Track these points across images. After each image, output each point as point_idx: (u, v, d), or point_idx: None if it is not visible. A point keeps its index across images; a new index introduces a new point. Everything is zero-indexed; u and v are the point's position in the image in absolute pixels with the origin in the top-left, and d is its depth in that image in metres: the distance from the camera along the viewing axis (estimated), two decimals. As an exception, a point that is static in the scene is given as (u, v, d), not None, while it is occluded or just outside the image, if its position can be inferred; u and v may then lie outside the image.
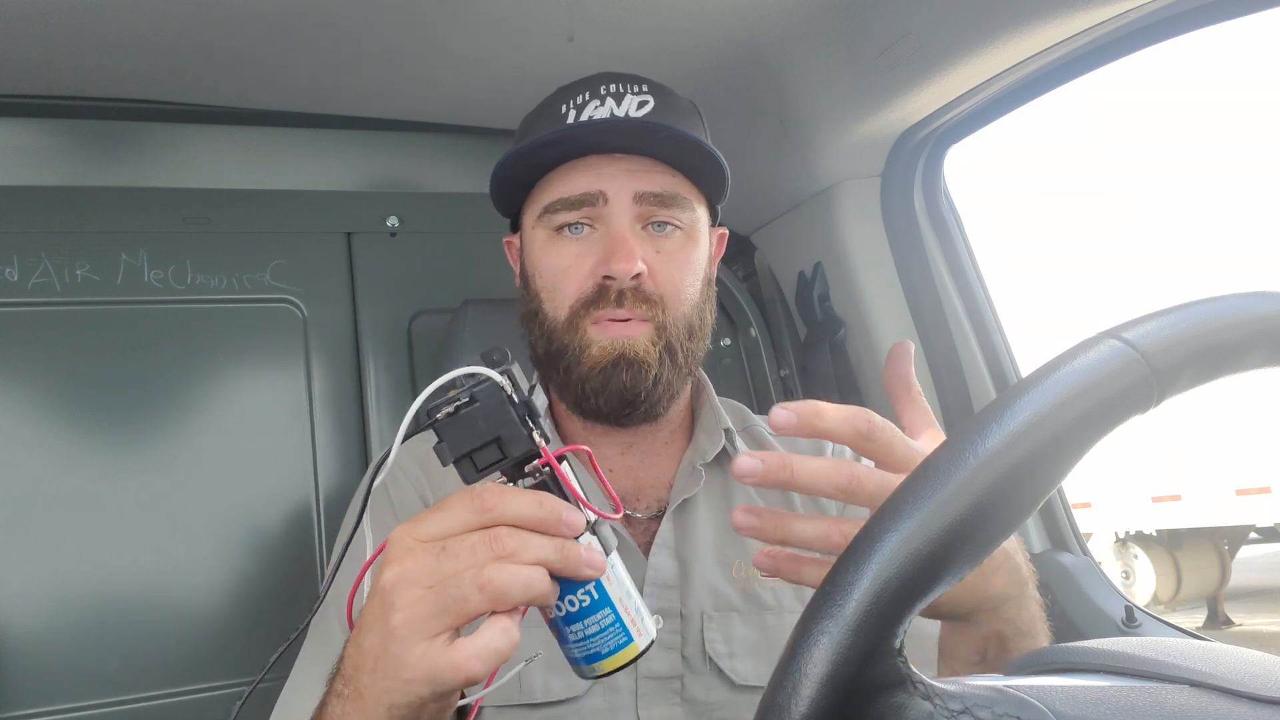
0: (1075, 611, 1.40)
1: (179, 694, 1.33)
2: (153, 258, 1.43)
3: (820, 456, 0.66)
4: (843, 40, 1.36)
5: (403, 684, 0.59)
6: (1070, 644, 0.51)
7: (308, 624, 0.73)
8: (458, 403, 0.60)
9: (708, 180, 1.03)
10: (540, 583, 0.59)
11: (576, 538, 0.61)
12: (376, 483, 0.68)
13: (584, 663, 0.65)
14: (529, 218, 1.04)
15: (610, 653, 0.63)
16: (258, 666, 1.43)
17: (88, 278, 1.40)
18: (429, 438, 0.94)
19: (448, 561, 0.58)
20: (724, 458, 1.08)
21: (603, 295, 0.96)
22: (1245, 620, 8.70)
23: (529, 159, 1.00)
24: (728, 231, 1.14)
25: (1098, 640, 0.51)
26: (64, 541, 1.32)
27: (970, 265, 1.58)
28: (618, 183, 0.98)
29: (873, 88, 1.42)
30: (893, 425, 0.68)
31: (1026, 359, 1.57)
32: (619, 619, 0.63)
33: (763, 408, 1.76)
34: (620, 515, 0.66)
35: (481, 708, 0.96)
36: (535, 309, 1.03)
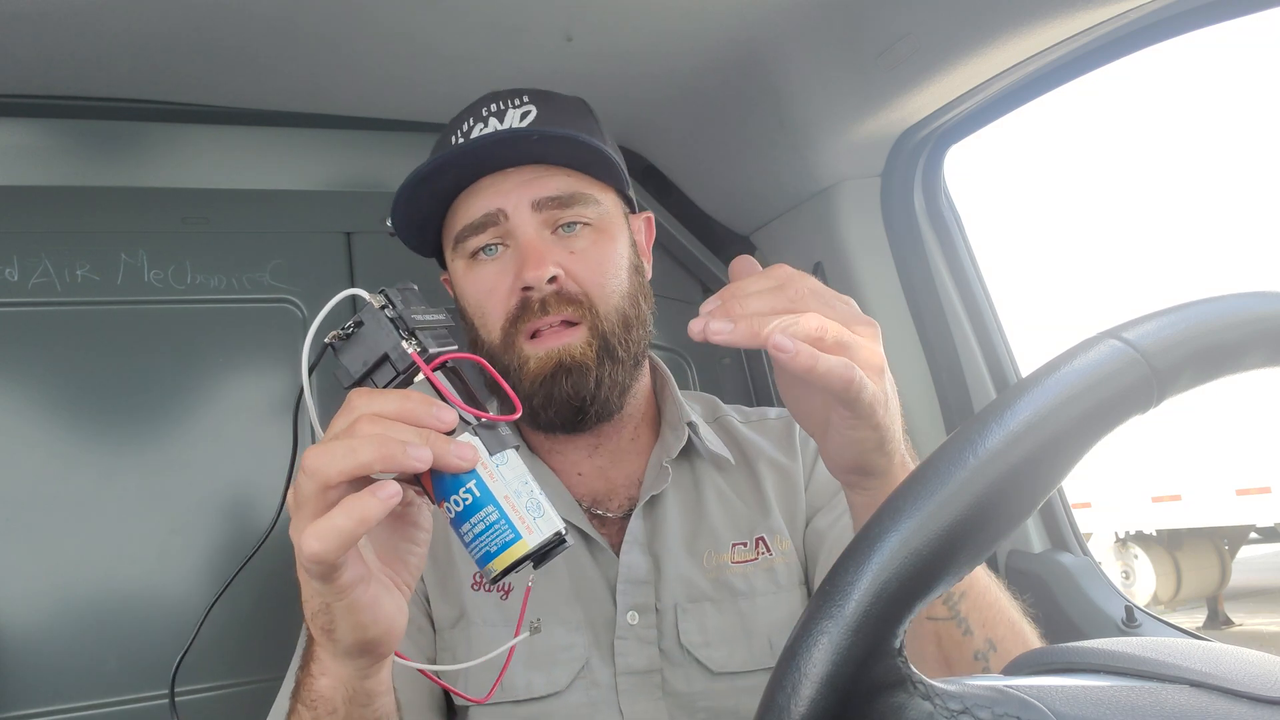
0: (1075, 611, 1.40)
1: (178, 694, 1.33)
2: (152, 258, 1.43)
3: (763, 294, 0.67)
4: (843, 40, 1.36)
5: (304, 587, 0.66)
6: (1070, 644, 0.51)
7: (261, 544, 0.81)
8: (348, 329, 0.66)
9: (604, 172, 1.04)
10: (365, 450, 0.60)
11: (452, 434, 0.63)
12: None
13: (480, 564, 0.66)
14: (448, 252, 1.07)
15: (499, 551, 0.65)
16: (257, 667, 1.43)
17: (88, 278, 1.39)
18: None
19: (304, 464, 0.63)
20: (691, 451, 1.09)
21: (526, 308, 0.98)
22: (1245, 620, 8.70)
23: (422, 194, 1.02)
24: (652, 215, 1.16)
25: (1098, 640, 0.51)
26: (64, 541, 1.31)
27: (970, 265, 1.58)
28: (514, 196, 1.00)
29: (873, 88, 1.42)
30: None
31: (1027, 359, 1.57)
32: (504, 516, 0.65)
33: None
34: (516, 415, 0.68)
35: (465, 706, 0.97)
36: (473, 337, 1.05)
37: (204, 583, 1.37)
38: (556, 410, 0.98)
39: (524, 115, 1.03)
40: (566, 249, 1.00)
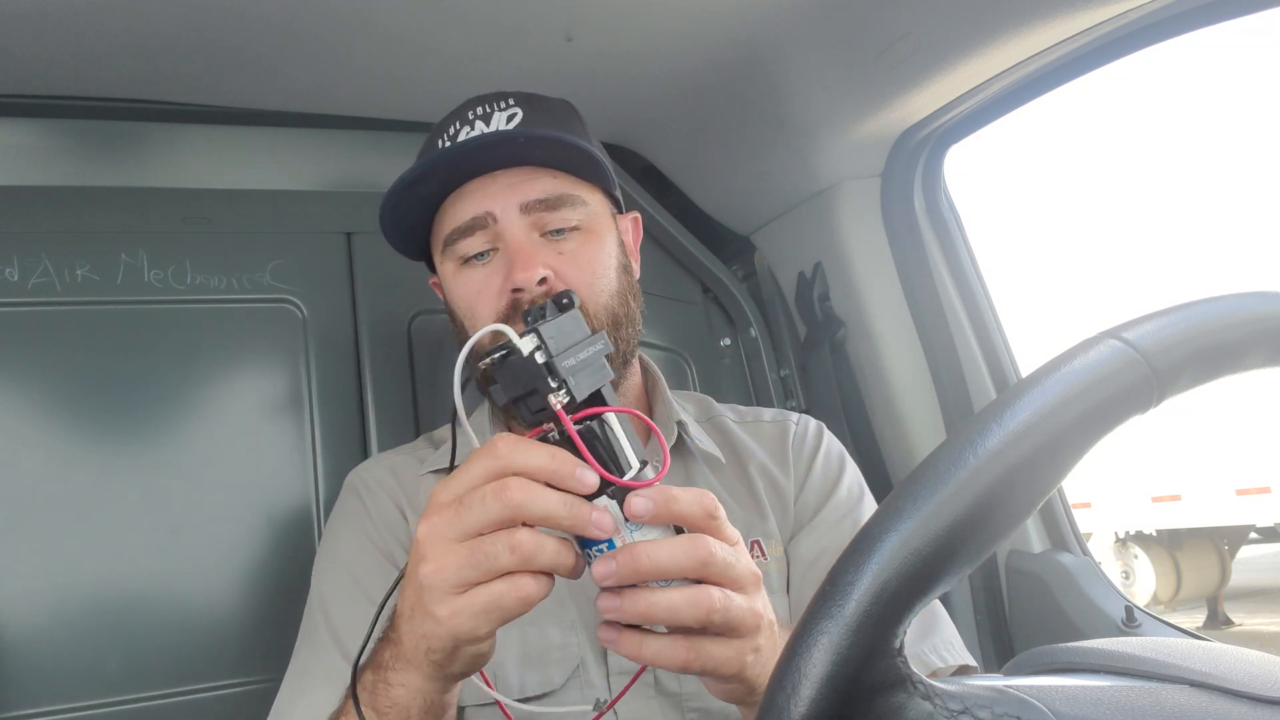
0: (1075, 611, 1.40)
1: (179, 694, 1.33)
2: (153, 258, 1.43)
3: (671, 538, 0.64)
4: (843, 40, 1.37)
5: (433, 628, 0.64)
6: (1070, 644, 0.51)
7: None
8: (499, 354, 0.63)
9: (591, 173, 1.05)
10: (567, 552, 0.62)
11: (592, 497, 0.62)
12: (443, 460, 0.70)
13: None
14: (437, 256, 1.07)
15: None
16: (258, 667, 1.43)
17: (88, 278, 1.39)
18: (402, 451, 0.97)
19: (465, 514, 0.62)
20: (685, 451, 1.10)
21: (515, 309, 0.98)
22: (1245, 620, 8.70)
23: (409, 198, 1.02)
24: (639, 216, 1.16)
25: (1098, 640, 0.51)
26: (64, 541, 1.31)
27: (970, 265, 1.58)
28: (502, 199, 1.00)
29: (873, 88, 1.42)
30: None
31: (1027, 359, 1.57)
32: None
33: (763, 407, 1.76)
34: (662, 475, 0.65)
35: (460, 706, 0.97)
36: (463, 339, 1.03)
37: (204, 582, 1.37)
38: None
39: (510, 118, 1.04)
40: (555, 250, 1.01)
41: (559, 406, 0.62)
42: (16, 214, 1.38)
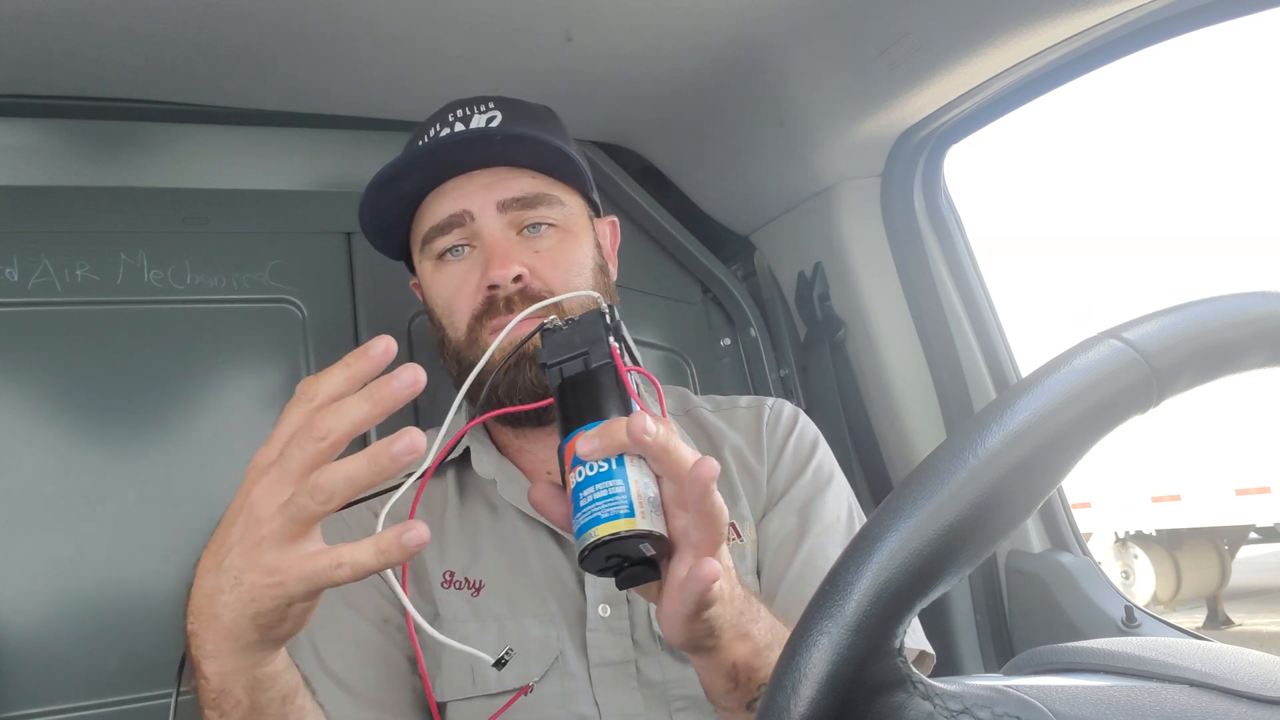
0: (1075, 611, 1.40)
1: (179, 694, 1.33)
2: (152, 258, 1.43)
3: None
4: (843, 40, 1.37)
5: (273, 588, 0.62)
6: (1070, 644, 0.51)
7: None
8: (567, 322, 0.73)
9: (569, 175, 1.07)
10: (362, 474, 0.61)
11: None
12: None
13: (583, 529, 0.66)
14: (416, 255, 1.09)
15: (608, 519, 0.66)
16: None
17: (88, 278, 1.39)
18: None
19: (286, 466, 0.62)
20: None
21: (491, 305, 1.01)
22: (1245, 620, 8.70)
23: (387, 196, 1.04)
24: (616, 220, 1.18)
25: (1098, 640, 0.51)
26: (64, 541, 1.31)
27: (970, 265, 1.58)
28: (479, 197, 1.02)
29: (873, 88, 1.42)
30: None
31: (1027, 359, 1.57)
32: (628, 494, 0.66)
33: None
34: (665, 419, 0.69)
35: (443, 703, 0.97)
36: (441, 337, 1.07)
37: (204, 583, 1.37)
38: (520, 400, 0.99)
39: (489, 120, 1.06)
40: (531, 249, 1.03)
41: (616, 348, 0.70)
42: (16, 214, 1.38)
